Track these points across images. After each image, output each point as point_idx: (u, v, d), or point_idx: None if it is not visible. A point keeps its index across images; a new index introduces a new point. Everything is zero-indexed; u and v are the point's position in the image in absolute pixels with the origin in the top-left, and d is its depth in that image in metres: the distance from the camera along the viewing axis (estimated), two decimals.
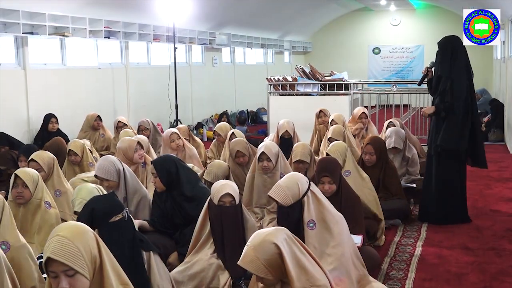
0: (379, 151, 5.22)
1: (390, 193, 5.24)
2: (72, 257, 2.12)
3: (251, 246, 2.55)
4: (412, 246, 4.58)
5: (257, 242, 2.55)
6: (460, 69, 4.98)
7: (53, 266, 2.13)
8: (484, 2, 10.28)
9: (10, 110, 7.61)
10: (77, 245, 2.14)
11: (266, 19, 14.16)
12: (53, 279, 2.15)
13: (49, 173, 4.57)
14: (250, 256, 2.54)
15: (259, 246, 2.53)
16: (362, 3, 16.99)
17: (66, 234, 2.17)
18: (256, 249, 2.53)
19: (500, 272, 4.01)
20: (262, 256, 2.52)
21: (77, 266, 2.12)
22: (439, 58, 5.07)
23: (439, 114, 5.06)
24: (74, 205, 3.55)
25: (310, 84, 9.44)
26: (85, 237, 2.20)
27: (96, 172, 4.39)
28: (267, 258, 2.52)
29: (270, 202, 4.94)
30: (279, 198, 3.28)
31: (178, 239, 4.19)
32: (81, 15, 8.34)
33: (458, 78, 4.95)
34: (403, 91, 9.87)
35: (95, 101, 9.10)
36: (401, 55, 17.27)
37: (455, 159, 5.11)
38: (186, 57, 12.17)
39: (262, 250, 2.52)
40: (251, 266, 2.53)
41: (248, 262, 2.54)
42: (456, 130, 5.01)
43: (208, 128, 11.58)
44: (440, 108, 5.03)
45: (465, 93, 4.98)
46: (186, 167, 4.41)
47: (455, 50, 5.00)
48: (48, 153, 4.74)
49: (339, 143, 4.96)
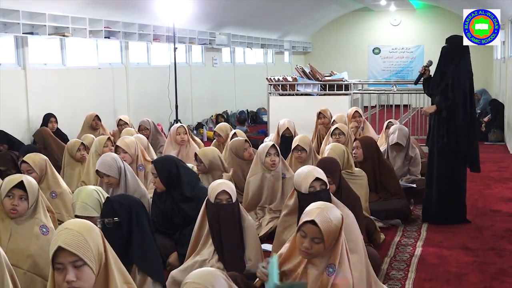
0: (365, 146, 5.26)
1: (390, 193, 5.26)
2: (82, 248, 2.15)
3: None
4: (412, 246, 4.57)
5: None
6: (465, 69, 4.97)
7: (61, 257, 2.14)
8: (484, 2, 10.28)
9: (10, 110, 7.61)
10: (86, 238, 2.18)
11: (266, 19, 14.16)
12: (59, 271, 2.16)
13: (41, 174, 4.52)
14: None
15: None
16: (362, 3, 16.99)
17: (75, 228, 2.20)
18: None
19: (500, 272, 4.01)
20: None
21: (86, 258, 2.14)
22: (446, 55, 5.02)
23: (440, 113, 5.02)
24: (75, 209, 3.53)
25: (310, 84, 9.44)
26: (93, 233, 2.24)
27: (98, 167, 4.38)
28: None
29: (272, 202, 4.95)
30: (319, 175, 3.42)
31: (178, 239, 4.19)
32: (81, 15, 8.33)
33: (461, 77, 4.92)
34: (403, 91, 9.87)
35: (95, 101, 9.10)
36: (401, 55, 17.27)
37: (456, 159, 5.09)
38: (186, 57, 12.17)
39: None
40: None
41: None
42: (461, 133, 4.97)
43: (208, 128, 11.58)
44: (441, 107, 4.99)
45: (466, 92, 4.97)
46: (186, 167, 4.41)
47: (463, 50, 5.00)
48: (39, 155, 4.68)
49: (337, 145, 5.00)
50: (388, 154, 6.08)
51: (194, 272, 2.21)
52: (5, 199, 3.23)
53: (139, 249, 3.06)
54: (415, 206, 5.68)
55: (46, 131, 7.16)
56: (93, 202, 3.49)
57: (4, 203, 3.23)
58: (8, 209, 3.23)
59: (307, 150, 5.24)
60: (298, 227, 2.70)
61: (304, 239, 2.66)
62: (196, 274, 2.19)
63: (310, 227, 2.66)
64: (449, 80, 4.94)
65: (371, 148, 5.29)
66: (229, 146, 5.55)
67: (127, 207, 3.12)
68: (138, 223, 3.10)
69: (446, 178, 5.11)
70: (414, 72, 16.91)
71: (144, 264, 3.07)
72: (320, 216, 2.66)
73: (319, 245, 2.66)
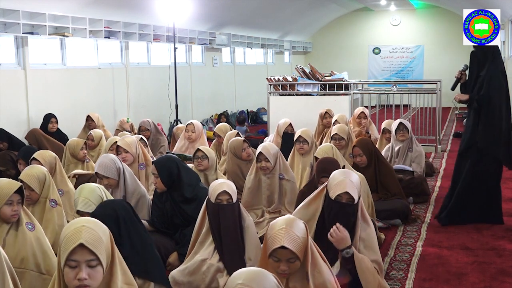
0: (367, 151, 5.27)
1: (390, 193, 5.26)
2: (100, 248, 2.17)
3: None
4: (412, 246, 4.58)
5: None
6: (498, 68, 4.84)
7: (78, 254, 2.15)
8: (484, 2, 10.29)
9: (10, 110, 7.61)
10: (103, 238, 2.20)
11: (266, 19, 14.16)
12: (71, 269, 2.16)
13: (50, 171, 4.56)
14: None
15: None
16: (362, 3, 16.99)
17: (92, 226, 2.22)
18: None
19: (500, 272, 4.01)
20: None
21: (102, 258, 2.17)
22: (476, 59, 4.89)
23: (471, 105, 4.85)
24: (77, 204, 3.55)
25: (310, 84, 9.44)
26: (106, 232, 2.27)
27: (97, 169, 4.38)
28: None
29: (270, 204, 4.97)
30: (350, 190, 3.33)
31: (178, 239, 4.19)
32: (81, 15, 8.34)
33: (495, 75, 4.80)
34: (403, 91, 9.87)
35: (95, 101, 9.10)
36: (401, 55, 17.27)
37: (491, 157, 4.92)
38: (186, 57, 12.17)
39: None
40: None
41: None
42: (495, 135, 4.82)
43: (208, 128, 11.58)
44: (473, 97, 4.80)
45: (502, 87, 4.82)
46: (187, 168, 4.41)
47: (493, 52, 4.86)
48: (50, 152, 4.80)
49: (325, 145, 5.06)
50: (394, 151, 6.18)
51: (244, 273, 2.04)
52: (5, 207, 3.17)
53: (134, 259, 3.00)
54: (415, 206, 5.69)
55: (38, 131, 7.22)
56: (96, 198, 3.52)
57: (4, 210, 3.18)
58: (9, 215, 3.20)
59: (309, 142, 5.41)
60: (270, 254, 2.64)
61: (280, 263, 2.62)
62: (247, 275, 2.02)
63: (282, 252, 2.61)
64: (484, 80, 4.80)
65: (371, 151, 5.30)
66: (228, 146, 5.58)
67: (113, 220, 3.03)
68: (127, 231, 3.06)
69: (481, 177, 4.96)
70: (414, 72, 16.94)
71: (144, 273, 3.06)
72: (287, 238, 2.60)
73: (295, 263, 2.64)
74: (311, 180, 4.39)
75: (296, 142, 5.53)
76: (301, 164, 5.49)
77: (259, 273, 2.04)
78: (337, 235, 3.20)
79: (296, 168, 5.43)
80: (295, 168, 5.45)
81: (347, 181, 3.37)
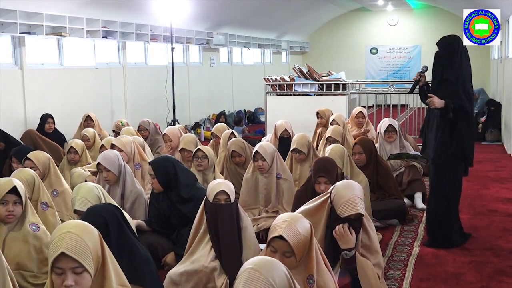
0: (367, 150, 5.25)
1: (387, 193, 5.26)
2: (84, 254, 2.14)
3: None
4: (410, 246, 4.58)
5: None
6: (467, 72, 4.49)
7: (62, 262, 2.13)
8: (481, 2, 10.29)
9: (7, 110, 7.60)
10: (87, 243, 2.17)
11: (264, 19, 14.16)
12: (58, 275, 2.15)
13: (44, 172, 4.57)
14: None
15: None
16: (359, 3, 17.00)
17: (77, 231, 2.18)
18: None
19: (497, 272, 4.02)
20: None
21: (87, 264, 2.14)
22: (443, 60, 4.44)
23: (445, 114, 4.38)
24: (74, 204, 3.54)
25: (308, 84, 9.45)
26: (93, 236, 2.23)
27: (100, 160, 4.40)
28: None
29: (268, 203, 4.96)
30: (361, 210, 3.24)
31: (175, 239, 4.19)
32: (78, 15, 8.33)
33: (468, 82, 4.47)
34: (400, 91, 9.88)
35: (93, 101, 9.09)
36: (399, 55, 17.30)
37: (456, 164, 4.54)
38: (184, 57, 12.16)
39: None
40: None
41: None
42: (470, 139, 4.52)
43: (205, 128, 11.58)
44: (449, 106, 4.35)
45: (471, 96, 4.53)
46: (184, 168, 4.41)
47: (461, 51, 4.44)
48: (43, 153, 4.76)
49: (337, 146, 4.90)
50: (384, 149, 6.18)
51: (257, 259, 2.05)
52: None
53: (124, 265, 2.95)
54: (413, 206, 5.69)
55: (33, 132, 7.21)
56: (93, 198, 3.52)
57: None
58: (4, 215, 3.16)
59: (305, 152, 5.25)
60: (268, 243, 2.64)
61: (275, 254, 2.59)
62: (259, 261, 2.03)
63: (279, 242, 2.59)
64: (455, 88, 4.40)
65: (372, 151, 5.29)
66: (227, 146, 5.58)
67: (102, 227, 2.88)
68: (116, 237, 2.97)
69: (444, 181, 4.56)
70: (411, 72, 16.96)
71: (135, 279, 3.01)
72: (288, 230, 2.59)
73: (290, 259, 2.59)
74: (308, 180, 4.38)
75: (293, 151, 5.34)
76: (299, 171, 5.33)
77: (271, 262, 2.06)
78: (342, 233, 3.20)
79: (294, 174, 5.31)
80: (293, 174, 5.31)
81: (356, 200, 3.22)
